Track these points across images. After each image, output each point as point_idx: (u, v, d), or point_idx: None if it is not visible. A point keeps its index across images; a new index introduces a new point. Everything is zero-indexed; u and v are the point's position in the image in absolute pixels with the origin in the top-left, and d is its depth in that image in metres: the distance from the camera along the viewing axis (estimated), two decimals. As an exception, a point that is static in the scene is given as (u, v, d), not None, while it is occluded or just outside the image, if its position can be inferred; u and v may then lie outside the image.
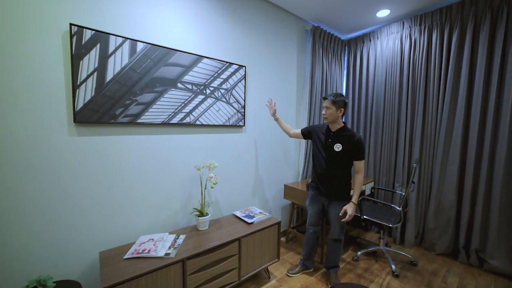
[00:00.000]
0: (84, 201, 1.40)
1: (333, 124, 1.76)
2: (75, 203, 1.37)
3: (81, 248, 1.41)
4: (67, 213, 1.35)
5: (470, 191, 2.12)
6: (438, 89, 2.31)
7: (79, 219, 1.39)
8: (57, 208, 1.32)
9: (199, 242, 1.59)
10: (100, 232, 1.48)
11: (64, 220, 1.35)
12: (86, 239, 1.43)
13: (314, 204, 1.93)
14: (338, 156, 1.72)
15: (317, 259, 2.26)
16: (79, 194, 1.38)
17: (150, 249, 1.44)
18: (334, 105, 1.68)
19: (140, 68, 1.55)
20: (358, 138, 1.68)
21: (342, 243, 1.88)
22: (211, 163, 1.79)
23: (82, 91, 1.33)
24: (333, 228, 1.85)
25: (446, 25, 2.20)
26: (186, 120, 1.79)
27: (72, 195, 1.36)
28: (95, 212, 1.45)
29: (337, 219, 1.79)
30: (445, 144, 2.27)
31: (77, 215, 1.38)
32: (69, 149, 1.33)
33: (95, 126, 1.42)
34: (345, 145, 1.69)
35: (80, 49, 1.31)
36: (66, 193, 1.34)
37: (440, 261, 2.23)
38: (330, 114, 1.70)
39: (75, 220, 1.38)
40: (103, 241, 1.49)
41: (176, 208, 1.81)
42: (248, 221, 1.89)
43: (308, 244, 2.01)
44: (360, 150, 1.69)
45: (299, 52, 2.70)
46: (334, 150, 1.72)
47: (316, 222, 1.96)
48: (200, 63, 1.83)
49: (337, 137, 1.74)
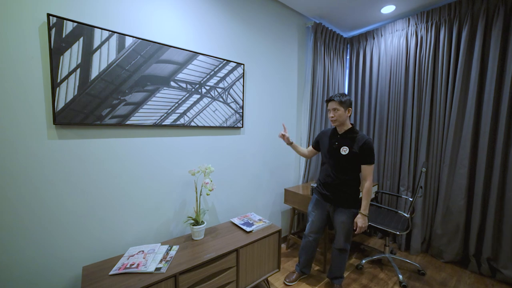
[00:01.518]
0: (65, 211, 1.27)
1: (341, 127, 1.65)
2: (54, 213, 1.24)
3: (63, 263, 1.28)
4: (47, 225, 1.22)
5: (481, 195, 2.00)
6: (446, 88, 2.20)
7: (60, 231, 1.26)
8: (35, 220, 1.19)
9: (193, 254, 1.46)
10: (84, 244, 1.35)
11: (43, 233, 1.21)
12: (68, 252, 1.30)
13: (317, 210, 1.79)
14: (345, 160, 1.60)
15: (319, 267, 2.14)
16: (59, 203, 1.25)
17: (139, 263, 1.32)
18: (342, 106, 1.57)
19: (129, 65, 1.42)
20: (367, 140, 1.56)
21: (347, 253, 1.76)
22: (206, 167, 1.66)
23: (63, 90, 1.21)
24: (338, 237, 1.73)
25: (455, 21, 2.09)
26: (180, 121, 1.67)
27: (51, 205, 1.23)
28: (78, 222, 1.31)
29: (343, 228, 1.67)
30: (453, 146, 2.16)
31: (57, 226, 1.25)
32: (48, 154, 1.20)
33: (78, 128, 1.29)
34: (353, 148, 1.57)
35: (60, 43, 1.18)
36: (45, 203, 1.21)
37: (449, 270, 2.12)
38: (339, 116, 1.59)
39: (56, 233, 1.25)
40: (87, 254, 1.36)
41: (169, 216, 1.69)
42: (247, 229, 1.77)
43: (307, 252, 1.88)
44: (368, 154, 1.56)
45: (300, 50, 2.58)
46: (341, 153, 1.61)
47: (317, 229, 1.83)
48: (195, 60, 1.70)
49: (344, 140, 1.62)
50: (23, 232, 1.16)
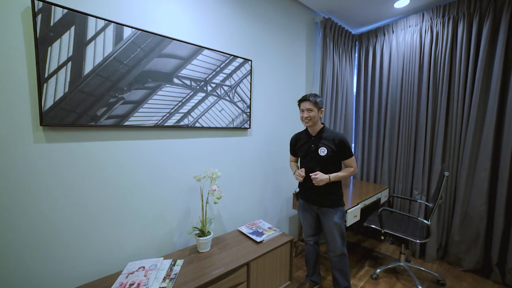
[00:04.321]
0: (55, 224, 1.12)
1: (314, 127, 1.61)
2: (42, 226, 1.08)
3: (52, 285, 1.12)
4: (32, 240, 1.06)
5: (505, 200, 1.88)
6: (464, 87, 2.08)
7: (49, 246, 1.11)
8: (20, 234, 1.03)
9: (200, 270, 1.31)
10: (77, 261, 1.19)
11: (30, 250, 1.06)
12: (59, 271, 1.14)
13: (306, 213, 1.72)
14: (325, 160, 1.56)
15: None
16: (48, 214, 1.09)
17: (140, 282, 1.16)
18: (316, 107, 1.55)
19: (128, 59, 1.27)
20: (341, 137, 1.55)
21: (347, 257, 1.65)
22: (213, 172, 1.51)
23: (52, 86, 1.05)
24: (333, 241, 1.61)
25: (476, 15, 1.97)
26: (183, 122, 1.52)
27: (37, 217, 1.07)
28: (70, 237, 1.16)
29: (337, 229, 1.59)
30: (472, 148, 2.04)
31: (46, 242, 1.10)
32: (34, 160, 1.04)
33: (69, 130, 1.14)
34: (330, 147, 1.54)
35: (48, 32, 1.02)
36: (30, 215, 1.05)
37: (470, 280, 1.99)
38: (313, 116, 1.54)
39: (44, 249, 1.09)
40: (81, 273, 1.20)
41: (172, 226, 1.53)
42: (257, 239, 1.62)
43: (311, 257, 1.80)
44: (346, 149, 1.56)
45: (308, 47, 2.44)
46: (320, 155, 1.56)
47: (314, 231, 1.75)
48: (200, 55, 1.55)
49: (319, 140, 1.59)
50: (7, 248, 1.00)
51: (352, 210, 1.89)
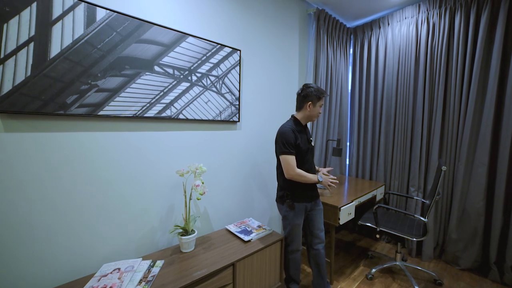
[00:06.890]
0: (17, 225, 1.01)
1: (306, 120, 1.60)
2: (4, 226, 0.98)
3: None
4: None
5: (503, 197, 1.82)
6: (461, 79, 2.02)
7: (11, 249, 1.00)
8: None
9: (181, 271, 1.21)
10: (44, 264, 1.08)
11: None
12: (20, 276, 1.03)
13: (300, 219, 1.54)
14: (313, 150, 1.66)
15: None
16: (8, 214, 0.99)
17: (113, 285, 1.06)
18: None
19: (102, 43, 1.17)
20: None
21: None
22: (197, 167, 1.42)
23: (10, 69, 0.94)
24: (321, 232, 1.62)
25: (473, 5, 1.90)
26: (166, 113, 1.42)
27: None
28: (35, 237, 1.05)
29: (322, 215, 1.66)
30: (470, 142, 1.97)
31: (7, 243, 0.99)
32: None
33: (34, 118, 1.03)
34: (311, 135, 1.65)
35: (3, 6, 0.92)
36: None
37: (468, 279, 1.92)
38: None
39: (5, 252, 0.99)
40: (49, 276, 1.10)
41: (154, 224, 1.43)
42: (245, 238, 1.53)
43: (299, 266, 1.64)
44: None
45: (301, 39, 2.36)
46: (312, 145, 1.63)
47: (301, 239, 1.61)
48: (183, 42, 1.46)
49: (308, 131, 1.63)
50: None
51: (346, 208, 1.81)
